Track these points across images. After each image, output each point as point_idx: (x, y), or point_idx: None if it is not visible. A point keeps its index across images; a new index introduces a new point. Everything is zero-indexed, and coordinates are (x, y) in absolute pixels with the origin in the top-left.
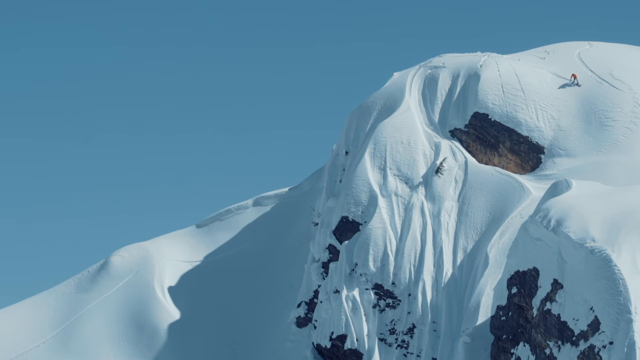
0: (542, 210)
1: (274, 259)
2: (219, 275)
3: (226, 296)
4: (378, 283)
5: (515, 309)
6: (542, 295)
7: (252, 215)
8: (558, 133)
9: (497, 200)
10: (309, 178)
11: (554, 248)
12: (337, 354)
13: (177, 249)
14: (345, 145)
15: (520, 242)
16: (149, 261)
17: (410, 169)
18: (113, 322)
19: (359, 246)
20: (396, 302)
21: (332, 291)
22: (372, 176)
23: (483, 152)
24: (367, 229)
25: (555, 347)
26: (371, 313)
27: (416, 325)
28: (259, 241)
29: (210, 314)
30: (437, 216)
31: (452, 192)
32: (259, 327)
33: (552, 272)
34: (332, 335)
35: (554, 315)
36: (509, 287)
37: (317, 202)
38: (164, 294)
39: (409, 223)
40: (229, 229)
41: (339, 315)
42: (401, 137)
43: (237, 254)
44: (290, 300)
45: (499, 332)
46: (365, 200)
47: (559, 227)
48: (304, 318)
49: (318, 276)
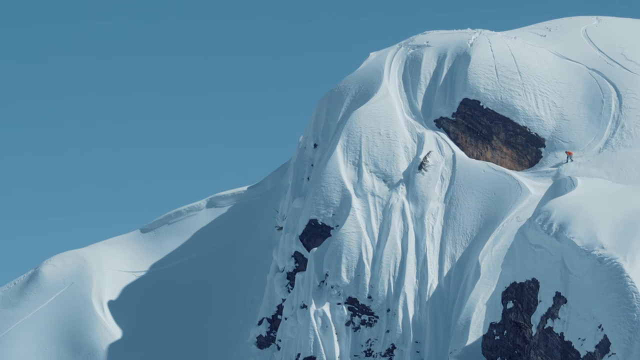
0: (543, 212)
1: (231, 268)
2: (166, 288)
3: (175, 312)
4: (352, 297)
5: (512, 327)
6: (543, 311)
7: (205, 218)
8: (561, 123)
9: (490, 201)
10: (272, 175)
11: (556, 256)
12: None
13: (118, 257)
14: (313, 136)
15: (517, 249)
16: (85, 271)
17: (389, 165)
18: (44, 343)
19: (329, 254)
20: (373, 318)
21: (299, 306)
22: (345, 173)
23: (474, 145)
24: (339, 234)
25: None
26: (344, 331)
27: (396, 345)
28: (214, 248)
29: (157, 333)
30: (421, 219)
31: (438, 191)
32: (214, 348)
33: (554, 284)
34: (298, 357)
35: (556, 334)
36: (504, 301)
37: (281, 203)
38: (103, 309)
39: (388, 227)
40: (179, 234)
41: (306, 334)
42: (378, 128)
43: (188, 263)
44: (250, 316)
45: (492, 354)
46: (337, 201)
47: (562, 232)
48: (266, 337)
49: (282, 289)
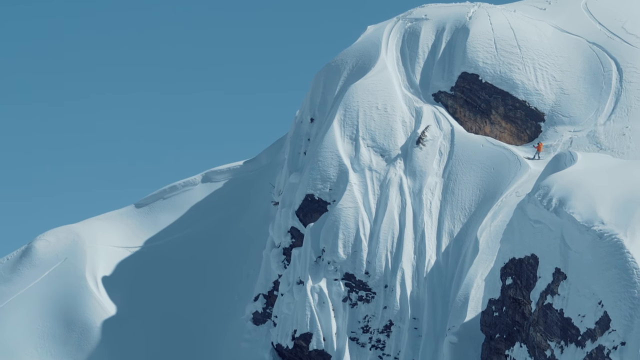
0: (542, 187)
1: (226, 244)
2: (161, 264)
3: (170, 288)
4: (349, 273)
5: (511, 304)
6: (542, 287)
7: (200, 193)
8: (561, 97)
9: (489, 176)
10: (268, 149)
11: (555, 232)
12: (301, 355)
13: (112, 232)
14: (310, 111)
15: (516, 224)
16: (79, 247)
17: (387, 139)
18: (37, 319)
19: (326, 229)
20: (370, 295)
21: (295, 282)
22: (342, 147)
23: (472, 119)
24: (336, 209)
25: (558, 348)
26: (341, 308)
27: (394, 322)
28: (209, 223)
29: (151, 309)
30: (419, 194)
31: (436, 166)
32: (209, 324)
33: (554, 260)
34: (294, 333)
35: (555, 310)
36: (502, 277)
37: (278, 177)
38: (97, 285)
39: (386, 202)
40: (174, 209)
41: (302, 311)
42: (376, 102)
43: (183, 239)
44: (246, 292)
45: (491, 331)
46: (334, 176)
47: (561, 208)
48: (262, 314)
49: (278, 264)
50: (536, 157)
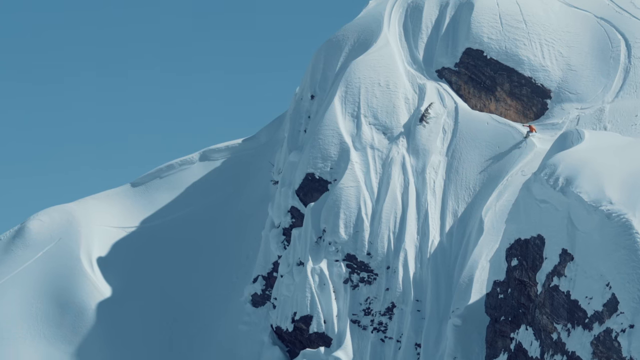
0: (549, 166)
1: (224, 224)
2: (158, 244)
3: (167, 269)
4: (350, 253)
5: (516, 285)
6: (549, 269)
7: (198, 171)
8: (568, 73)
9: (494, 155)
10: (267, 127)
11: (562, 212)
12: (301, 338)
13: (107, 212)
14: (310, 88)
15: (521, 204)
16: (73, 227)
17: (389, 117)
18: (30, 301)
19: (327, 209)
20: (372, 276)
21: (295, 263)
22: (343, 125)
23: (477, 96)
24: (337, 188)
25: (564, 331)
26: (342, 289)
27: (396, 304)
28: (207, 203)
29: (148, 291)
30: (422, 173)
31: (440, 144)
32: (206, 306)
33: (561, 240)
34: (294, 316)
35: (562, 292)
36: (508, 258)
37: (277, 156)
38: (92, 266)
39: (388, 181)
40: (171, 188)
41: (303, 293)
42: (378, 78)
43: (180, 219)
44: (244, 274)
45: (495, 313)
46: (335, 154)
47: (568, 187)
48: (261, 295)
49: (278, 245)
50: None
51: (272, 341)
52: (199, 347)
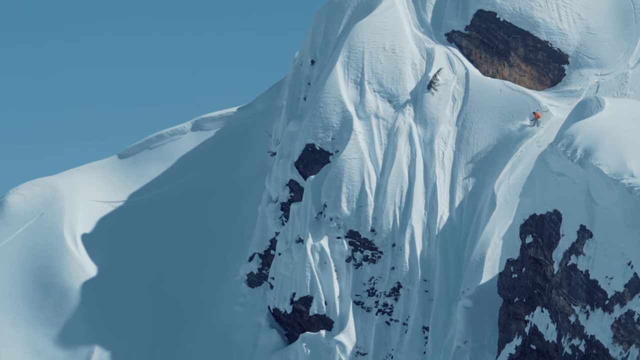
0: (566, 136)
1: (218, 198)
2: (147, 220)
3: (157, 247)
4: (353, 230)
5: (531, 264)
6: (566, 247)
7: (190, 142)
8: (587, 37)
9: (507, 124)
10: (264, 95)
11: (580, 185)
12: (300, 321)
13: (93, 185)
14: (310, 52)
15: (537, 177)
16: (56, 201)
17: (395, 84)
18: (10, 281)
19: (328, 182)
20: (376, 254)
21: (294, 240)
22: (346, 92)
23: (489, 61)
24: (339, 160)
25: (583, 313)
26: (344, 269)
27: (402, 284)
28: (200, 176)
29: (136, 270)
30: (430, 144)
31: (449, 113)
32: (199, 286)
33: (579, 216)
34: (293, 297)
35: (580, 272)
36: (522, 235)
37: (275, 125)
38: (76, 243)
39: (394, 153)
40: (161, 159)
41: (302, 272)
42: (383, 42)
43: (171, 192)
44: (240, 252)
45: (509, 294)
46: (337, 124)
47: (587, 159)
48: (258, 275)
49: (275, 221)
50: (536, 125)
51: (270, 324)
52: (191, 330)
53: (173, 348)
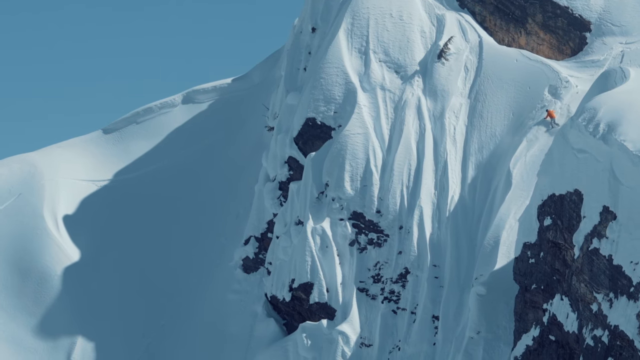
0: (588, 110)
1: (211, 177)
2: (134, 200)
3: (144, 229)
4: (357, 211)
5: (549, 249)
6: (587, 229)
7: (181, 116)
8: (610, 2)
9: (524, 97)
10: (261, 65)
11: (603, 163)
12: (300, 309)
13: (75, 162)
14: (311, 19)
15: (556, 154)
16: (36, 180)
17: (403, 53)
18: None
19: (330, 160)
20: (382, 237)
21: (293, 222)
22: (350, 62)
23: (505, 29)
24: (341, 135)
25: (606, 301)
26: (347, 253)
27: (410, 270)
28: (191, 153)
29: (122, 255)
30: (440, 118)
31: (461, 84)
32: (191, 272)
33: (602, 196)
34: (292, 283)
35: (603, 257)
36: (540, 217)
37: (272, 98)
38: (58, 225)
39: (401, 128)
40: (149, 135)
41: (302, 256)
42: (390, 8)
43: (160, 171)
44: (235, 235)
45: (525, 280)
46: (340, 96)
47: (610, 134)
48: (254, 260)
49: (273, 201)
50: (552, 126)
51: (267, 312)
52: (181, 320)
53: (162, 339)
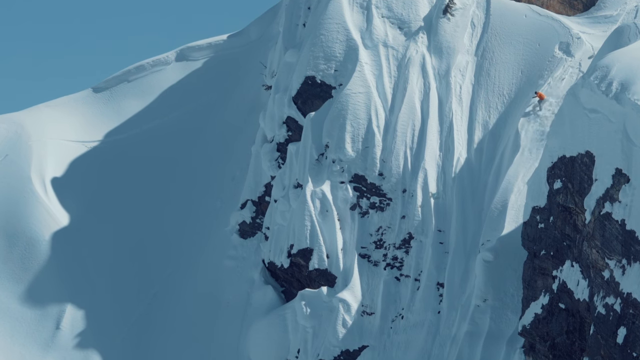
0: (600, 68)
1: (206, 138)
2: (125, 162)
3: (136, 193)
4: (358, 174)
5: (559, 213)
6: (599, 193)
7: (174, 74)
8: None
9: (534, 54)
10: (258, 20)
11: (616, 123)
12: (299, 276)
13: (64, 122)
14: None
15: (567, 114)
16: (22, 140)
17: (406, 8)
18: None
19: (330, 120)
20: (385, 201)
21: (292, 186)
22: (351, 18)
23: None
24: (342, 94)
25: (618, 268)
26: (348, 218)
27: (414, 235)
28: (185, 113)
29: (113, 219)
30: (446, 76)
31: (468, 41)
32: (185, 238)
33: (614, 158)
34: (291, 249)
35: (615, 221)
36: (549, 180)
37: (270, 55)
38: (46, 188)
39: (404, 86)
40: (141, 94)
41: (301, 221)
42: None
43: (153, 131)
44: (231, 198)
45: (534, 246)
46: (341, 54)
47: (624, 93)
48: (251, 224)
49: (271, 164)
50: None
51: (264, 279)
52: (175, 287)
53: (154, 307)
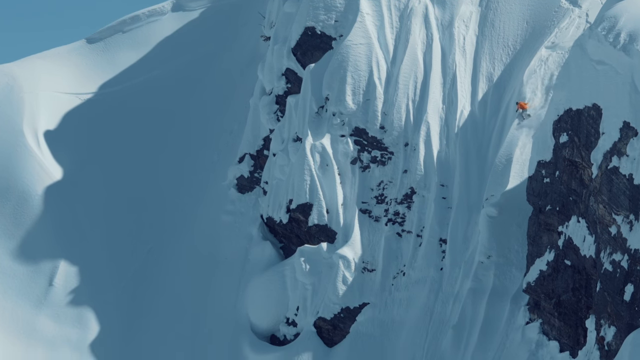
0: (608, 18)
1: (203, 90)
2: (120, 115)
3: (131, 146)
4: (359, 127)
5: (565, 167)
6: (606, 147)
7: (170, 24)
8: None
9: (539, 4)
10: None
11: (624, 75)
12: (298, 232)
13: (57, 74)
14: None
15: (573, 66)
16: (14, 93)
17: None
18: None
19: (331, 72)
20: (386, 155)
21: (291, 139)
22: None
23: None
24: (343, 46)
25: (626, 223)
26: (349, 172)
27: (416, 190)
28: (181, 64)
29: (108, 173)
30: (449, 27)
31: None
32: (180, 192)
33: (622, 110)
34: (290, 204)
35: (623, 176)
36: (555, 133)
37: (269, 5)
38: (38, 142)
39: (407, 37)
40: (136, 45)
41: (300, 175)
42: None
43: (148, 83)
44: (228, 152)
45: (540, 201)
46: (341, 4)
47: (632, 44)
48: (249, 179)
49: (270, 116)
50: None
51: (262, 235)
52: (170, 242)
53: (149, 263)
